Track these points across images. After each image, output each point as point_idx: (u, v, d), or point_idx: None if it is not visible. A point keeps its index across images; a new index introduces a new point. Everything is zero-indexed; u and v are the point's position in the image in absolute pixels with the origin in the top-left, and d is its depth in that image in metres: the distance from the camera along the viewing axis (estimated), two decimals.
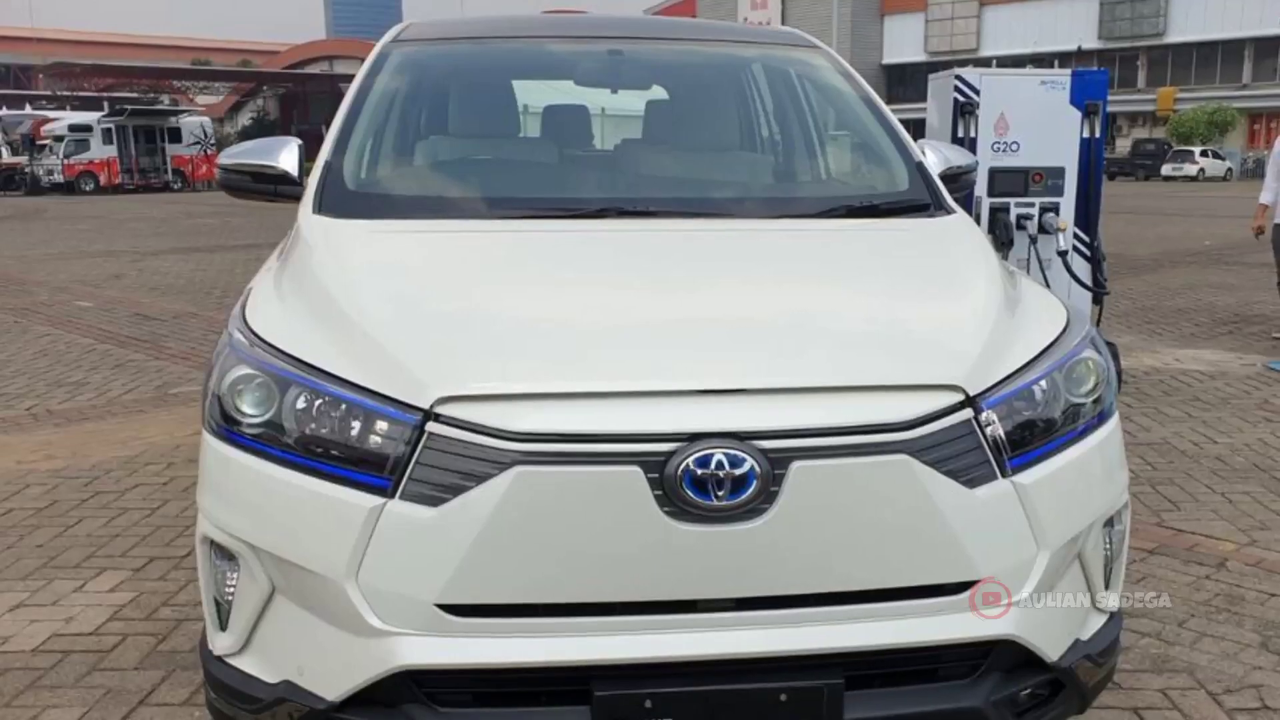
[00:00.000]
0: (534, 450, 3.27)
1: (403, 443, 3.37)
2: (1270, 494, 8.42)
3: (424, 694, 3.42)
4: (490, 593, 3.35)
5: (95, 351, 14.62)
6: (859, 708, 3.47)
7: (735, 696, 3.43)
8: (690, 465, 3.24)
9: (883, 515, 3.42)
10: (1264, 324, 16.13)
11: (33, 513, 8.08)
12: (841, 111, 6.18)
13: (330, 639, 3.49)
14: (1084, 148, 11.61)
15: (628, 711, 3.38)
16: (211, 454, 3.76)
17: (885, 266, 4.67)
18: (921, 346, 3.86)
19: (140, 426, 10.65)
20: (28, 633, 6.08)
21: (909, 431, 3.40)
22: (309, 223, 4.75)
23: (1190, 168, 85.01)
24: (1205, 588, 6.63)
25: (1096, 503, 3.90)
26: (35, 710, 5.26)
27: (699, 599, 3.40)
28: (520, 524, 3.28)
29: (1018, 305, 4.22)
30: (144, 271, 24.30)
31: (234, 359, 3.77)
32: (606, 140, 6.89)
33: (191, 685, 5.39)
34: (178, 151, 75.97)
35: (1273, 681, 5.48)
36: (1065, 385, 3.85)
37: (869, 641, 3.47)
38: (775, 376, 3.53)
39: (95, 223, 41.34)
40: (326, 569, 3.41)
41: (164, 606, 6.40)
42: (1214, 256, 26.77)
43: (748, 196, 5.63)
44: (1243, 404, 11.42)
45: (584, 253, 4.59)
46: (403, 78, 5.97)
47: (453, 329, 3.78)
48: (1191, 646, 5.84)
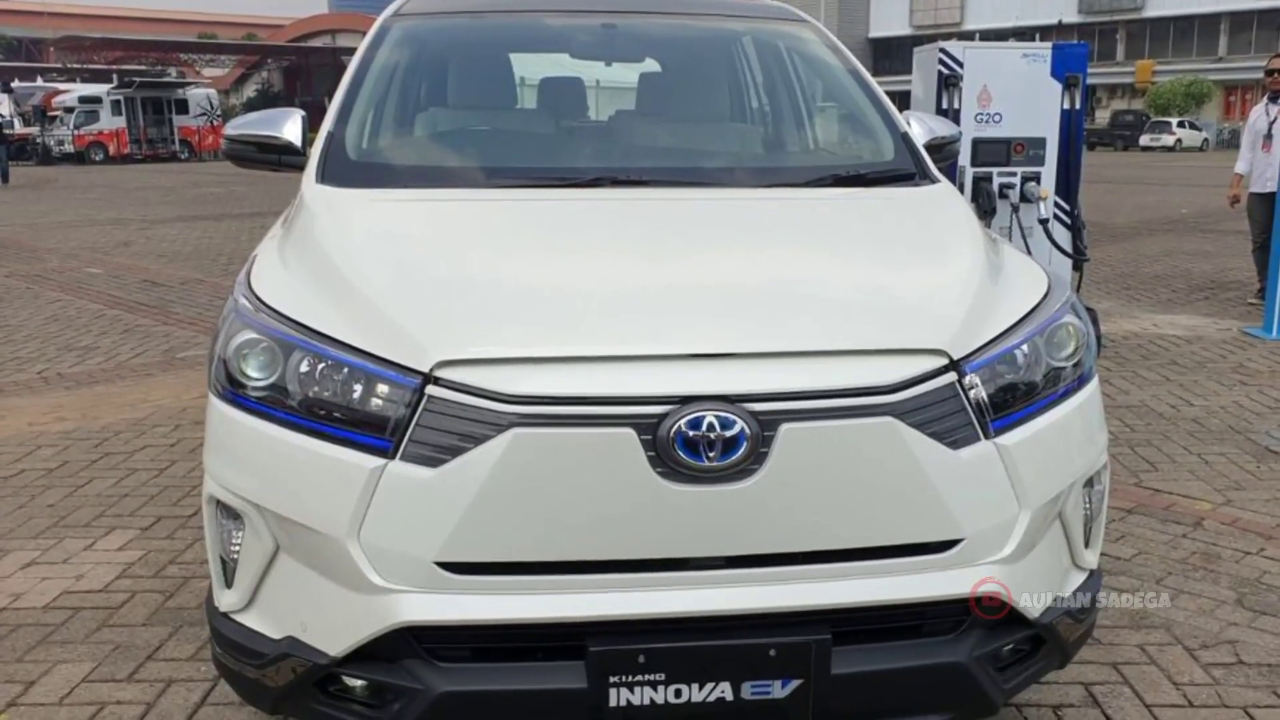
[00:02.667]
0: (531, 413, 3.27)
1: (403, 405, 3.37)
2: (1245, 455, 8.44)
3: (424, 649, 3.42)
4: (488, 551, 3.34)
5: (104, 317, 14.62)
6: (846, 662, 3.47)
7: (726, 651, 3.43)
8: (682, 427, 3.24)
9: (869, 476, 3.42)
10: (1239, 290, 16.12)
11: (44, 473, 8.09)
12: (829, 84, 6.17)
13: (332, 596, 3.49)
14: (1064, 119, 11.67)
15: (622, 666, 3.38)
16: (217, 416, 3.76)
17: (871, 234, 4.66)
18: (906, 312, 3.85)
19: (148, 389, 10.66)
20: (39, 590, 6.09)
21: (894, 394, 3.40)
22: (312, 192, 4.74)
23: (1168, 138, 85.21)
24: (1182, 546, 6.65)
25: (1076, 463, 3.90)
26: (46, 665, 5.27)
27: (691, 557, 3.40)
28: (517, 484, 3.28)
29: (1000, 272, 4.21)
30: (152, 239, 24.27)
31: (239, 324, 3.76)
32: (601, 112, 6.87)
33: (198, 641, 5.40)
34: (185, 122, 75.87)
35: (1247, 637, 5.50)
36: (1046, 349, 3.85)
37: (855, 598, 3.47)
38: (765, 341, 3.52)
39: (104, 191, 41.28)
40: (329, 528, 3.41)
41: (171, 564, 6.41)
42: (1191, 224, 26.77)
43: (738, 166, 5.63)
44: (1219, 368, 11.44)
45: (579, 221, 4.57)
46: (403, 51, 5.95)
47: (452, 295, 3.78)
48: (1169, 603, 5.85)
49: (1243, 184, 15.08)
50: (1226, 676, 5.15)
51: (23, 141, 70.13)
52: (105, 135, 71.13)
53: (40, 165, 66.03)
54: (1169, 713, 4.86)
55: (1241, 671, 5.19)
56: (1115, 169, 53.20)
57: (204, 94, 79.56)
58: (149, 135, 74.42)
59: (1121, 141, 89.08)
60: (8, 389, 10.79)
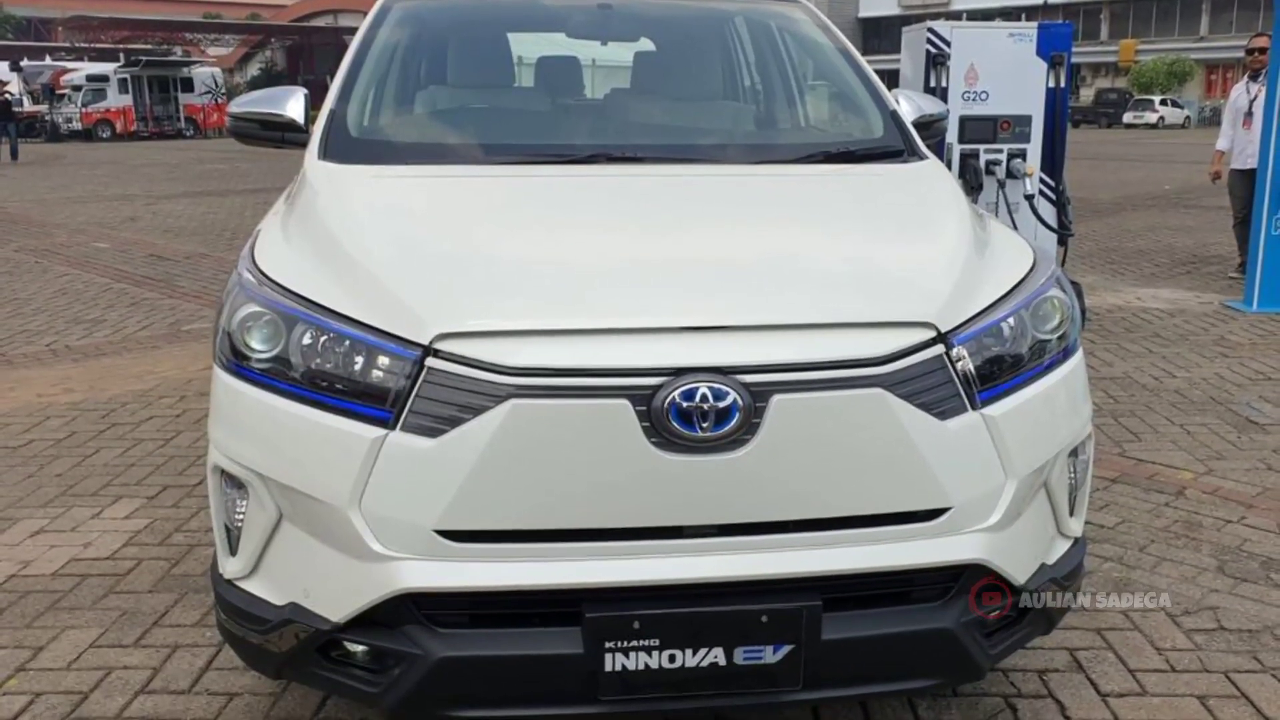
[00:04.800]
0: (528, 384, 3.27)
1: (403, 377, 3.37)
2: (1226, 425, 8.44)
3: (423, 616, 3.43)
4: (486, 519, 3.35)
5: (112, 290, 14.61)
6: (836, 628, 3.48)
7: (719, 618, 3.44)
8: (676, 398, 3.24)
9: (858, 446, 3.42)
10: (1221, 264, 16.12)
11: (52, 443, 8.09)
12: (820, 63, 6.16)
13: (334, 563, 3.50)
14: (1050, 97, 11.69)
15: (617, 632, 3.38)
16: (222, 388, 3.76)
17: (861, 209, 4.68)
18: (895, 285, 3.85)
19: (154, 362, 10.66)
20: (48, 557, 6.09)
21: (883, 366, 3.40)
22: (314, 168, 4.74)
23: (1150, 116, 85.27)
24: (1164, 515, 6.66)
25: (1061, 434, 3.90)
26: (55, 631, 5.27)
27: (684, 525, 3.40)
28: (515, 454, 3.28)
29: (987, 246, 4.21)
30: (158, 214, 24.24)
31: (243, 297, 3.76)
32: (597, 90, 6.86)
33: (203, 607, 5.40)
34: (190, 100, 75.62)
35: (1228, 604, 5.51)
36: (1032, 322, 3.85)
37: (845, 565, 3.48)
38: (757, 314, 3.53)
39: (111, 168, 41.19)
40: (331, 497, 3.41)
41: (177, 532, 6.41)
42: (1173, 200, 26.77)
43: (731, 143, 5.64)
44: (1200, 340, 11.44)
45: (576, 197, 4.58)
46: (403, 30, 5.95)
47: (451, 269, 3.77)
48: (1151, 570, 5.87)
49: (1224, 160, 15.12)
50: (1208, 642, 5.16)
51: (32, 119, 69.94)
52: (112, 113, 70.97)
53: (49, 142, 65.97)
54: (1152, 677, 4.86)
55: (1223, 637, 5.20)
56: (1099, 146, 53.16)
57: (209, 73, 79.34)
58: (155, 113, 74.20)
59: (1105, 119, 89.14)
60: (17, 361, 10.78)
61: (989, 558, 3.59)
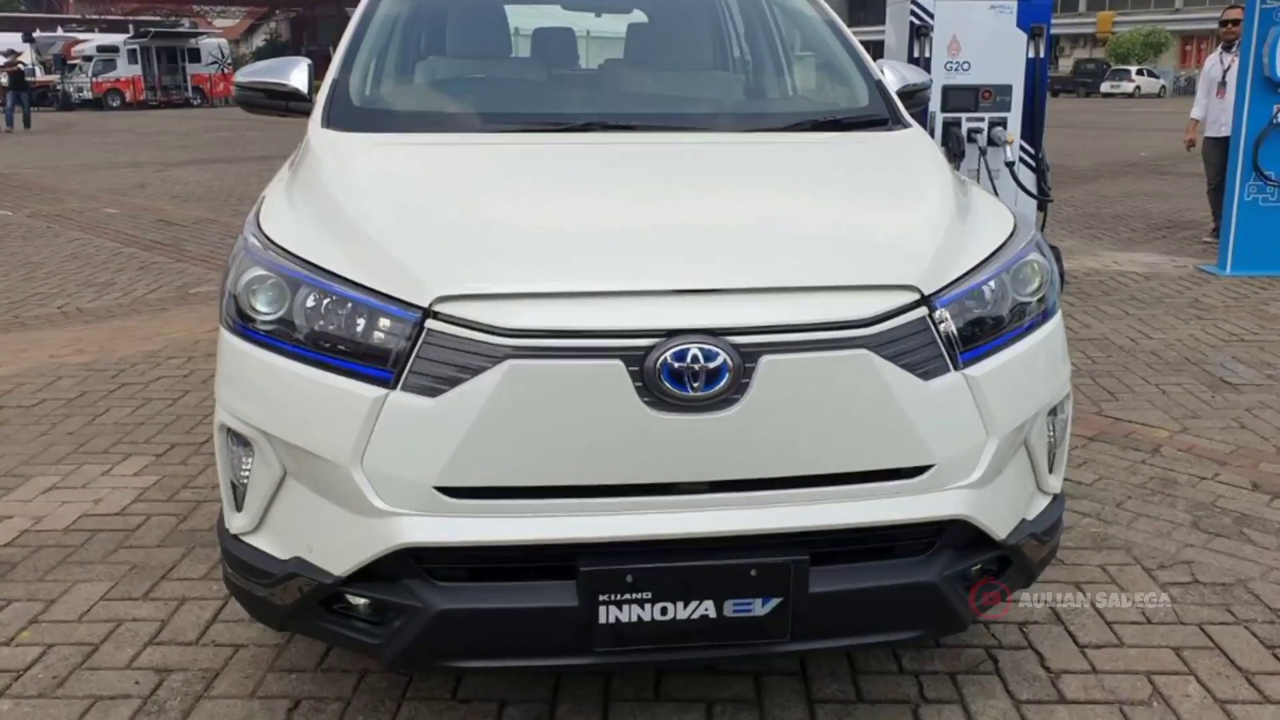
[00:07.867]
0: (525, 345, 3.27)
1: (404, 338, 3.36)
2: (1201, 385, 8.44)
3: (423, 570, 3.44)
4: (484, 476, 3.35)
5: (121, 254, 14.60)
6: (823, 582, 3.49)
7: (709, 571, 3.44)
8: (668, 359, 3.24)
9: (845, 405, 3.42)
10: (1195, 229, 16.10)
11: (64, 403, 8.08)
12: (807, 33, 6.15)
13: (337, 519, 3.50)
14: (1029, 67, 11.67)
15: (610, 586, 3.39)
16: (228, 349, 3.76)
17: (847, 176, 4.67)
18: (880, 250, 3.85)
19: (163, 323, 10.65)
20: (59, 513, 6.09)
21: (869, 328, 3.40)
22: (318, 136, 4.74)
23: (1127, 85, 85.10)
24: (1141, 472, 6.66)
25: (1041, 393, 3.90)
26: (66, 584, 5.27)
27: (676, 482, 3.41)
28: (512, 413, 3.28)
29: (968, 212, 4.20)
30: (166, 181, 24.21)
31: (249, 261, 3.76)
32: (591, 60, 6.85)
33: (210, 561, 5.40)
34: (197, 70, 75.61)
35: (1202, 558, 5.51)
36: (1012, 285, 3.84)
37: (832, 521, 3.49)
38: (746, 277, 3.53)
39: (121, 136, 41.14)
40: (334, 454, 3.42)
41: (184, 489, 6.41)
42: (1149, 167, 26.74)
43: (721, 112, 5.63)
44: (1176, 303, 11.44)
45: (571, 163, 4.57)
46: (403, 3, 5.95)
47: (450, 233, 3.76)
48: (1128, 526, 5.87)
49: (1198, 129, 15.14)
50: (1183, 595, 5.16)
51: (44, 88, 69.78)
52: (122, 82, 71.01)
53: (60, 111, 65.97)
54: (1129, 629, 4.87)
55: (1197, 590, 5.20)
56: (1078, 114, 53.08)
57: (215, 43, 79.36)
58: (163, 82, 74.13)
59: (1084, 88, 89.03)
60: (30, 323, 10.77)
61: (971, 513, 3.60)
